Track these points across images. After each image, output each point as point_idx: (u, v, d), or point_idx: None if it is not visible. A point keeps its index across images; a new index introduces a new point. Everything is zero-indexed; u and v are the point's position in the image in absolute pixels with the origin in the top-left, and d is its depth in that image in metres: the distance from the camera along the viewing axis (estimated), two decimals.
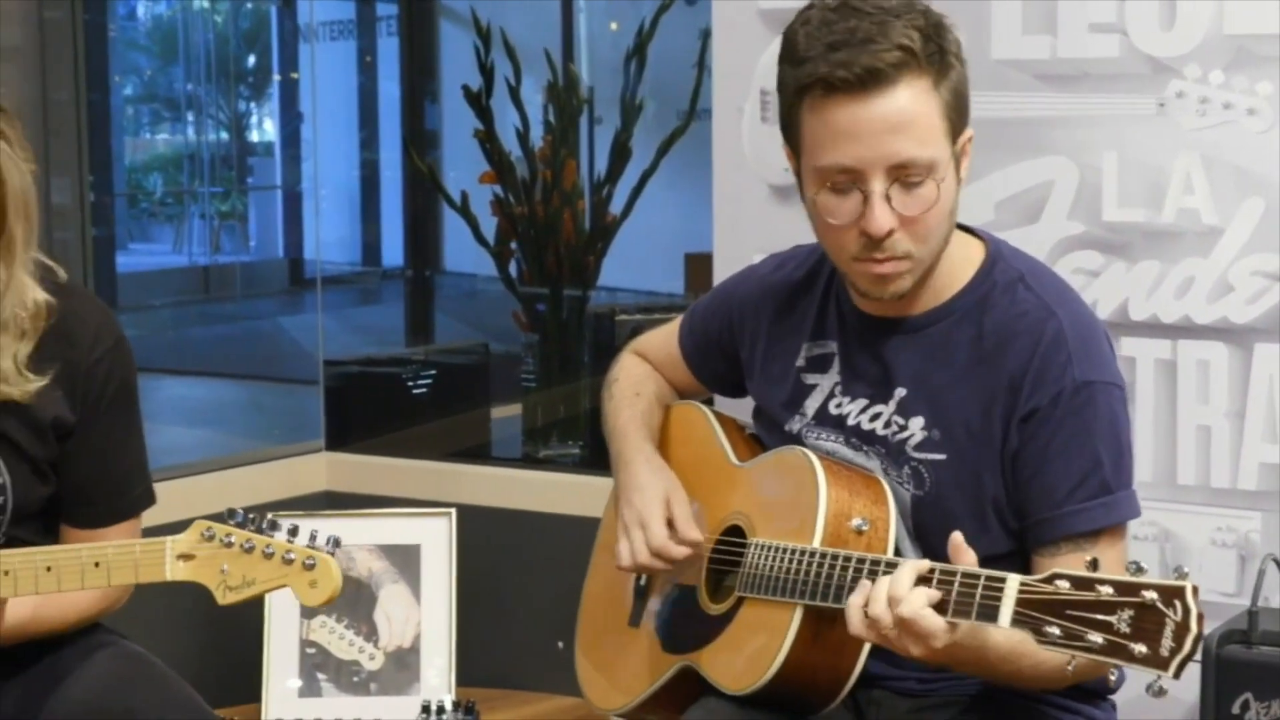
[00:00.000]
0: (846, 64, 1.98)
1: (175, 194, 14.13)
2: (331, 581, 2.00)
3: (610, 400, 2.51)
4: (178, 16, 13.81)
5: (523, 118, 4.21)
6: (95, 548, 2.11)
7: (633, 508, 2.32)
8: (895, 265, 2.08)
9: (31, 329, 2.24)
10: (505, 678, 3.32)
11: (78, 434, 2.30)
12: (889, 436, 2.16)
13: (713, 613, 2.24)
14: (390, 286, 11.37)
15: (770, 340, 2.31)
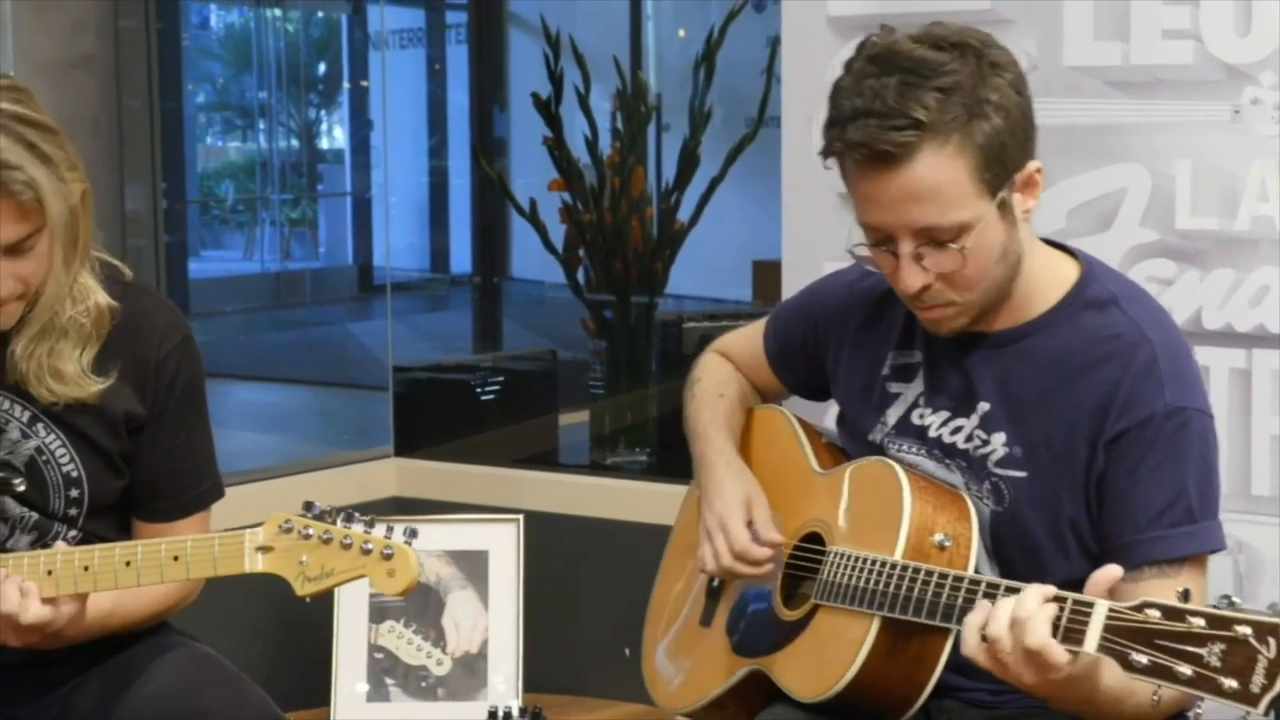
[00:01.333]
0: (860, 144, 1.99)
1: (246, 201, 14.24)
2: (410, 570, 2.01)
3: (693, 400, 2.50)
4: (250, 25, 13.92)
5: (591, 125, 4.21)
6: (174, 542, 2.13)
7: (714, 512, 2.32)
8: (940, 312, 2.09)
9: (95, 333, 2.27)
10: (572, 684, 3.32)
11: (148, 429, 2.33)
12: (970, 451, 2.14)
13: (787, 618, 2.24)
14: (458, 293, 11.41)
15: (856, 347, 2.30)
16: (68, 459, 2.27)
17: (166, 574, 2.12)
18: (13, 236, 2.13)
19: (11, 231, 2.13)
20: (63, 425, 2.26)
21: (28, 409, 2.25)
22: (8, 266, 2.14)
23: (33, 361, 2.23)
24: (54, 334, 2.23)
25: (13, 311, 2.21)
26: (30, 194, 2.11)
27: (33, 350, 2.23)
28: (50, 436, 2.26)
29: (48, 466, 2.27)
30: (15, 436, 2.25)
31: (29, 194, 2.11)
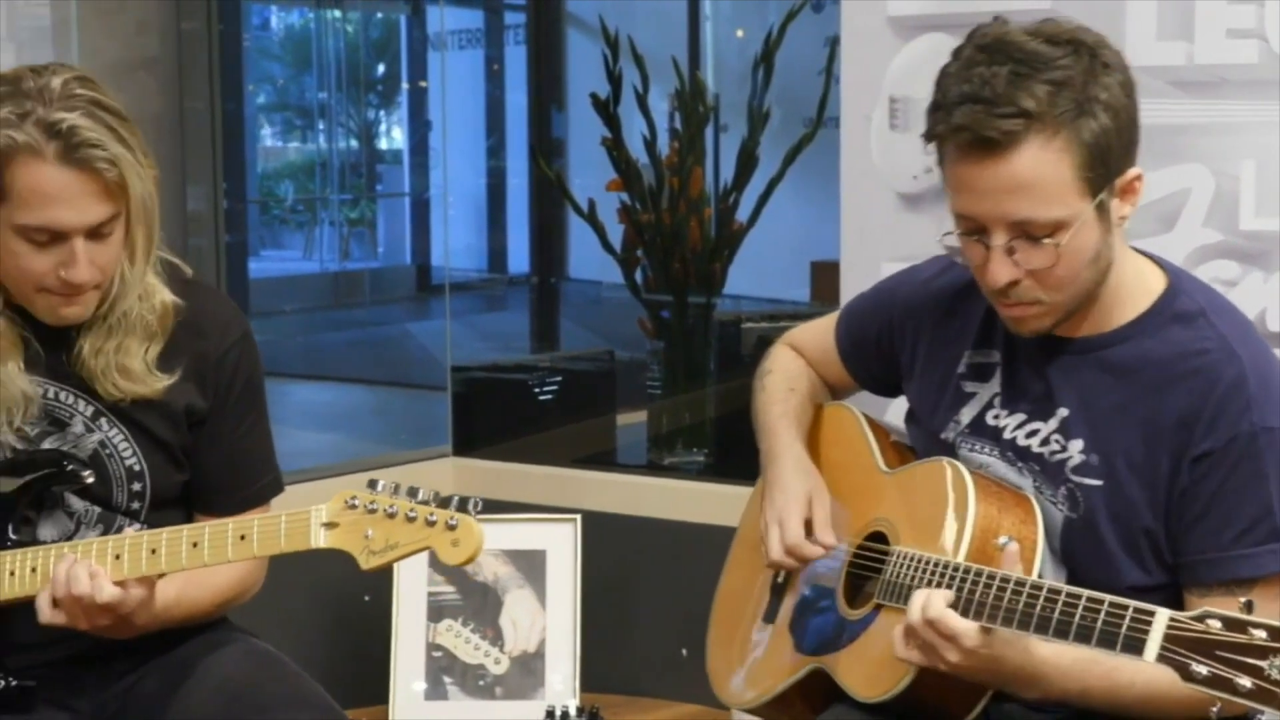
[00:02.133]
0: (965, 128, 1.97)
1: (306, 201, 14.32)
2: (474, 539, 2.01)
3: (762, 392, 2.50)
4: (310, 26, 14.00)
5: (650, 125, 4.21)
6: (241, 520, 2.15)
7: (774, 505, 2.33)
8: (1025, 310, 2.07)
9: (160, 330, 2.29)
10: (629, 684, 3.32)
11: (208, 423, 2.35)
12: (1046, 455, 2.13)
13: (850, 618, 2.23)
14: (516, 293, 11.43)
15: (932, 345, 2.29)
16: (130, 453, 2.29)
17: (233, 553, 2.13)
18: (97, 217, 2.15)
19: (96, 211, 2.14)
20: (125, 420, 2.28)
21: (91, 404, 2.28)
22: (87, 251, 2.16)
23: (101, 359, 2.25)
24: (121, 331, 2.25)
25: (89, 302, 2.23)
26: (115, 172, 2.13)
27: (101, 346, 2.25)
28: (113, 431, 2.28)
29: (110, 460, 2.29)
30: (79, 431, 2.28)
31: (114, 172, 2.13)
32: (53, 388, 2.27)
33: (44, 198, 2.11)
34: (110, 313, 2.25)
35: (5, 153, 2.11)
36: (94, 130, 2.12)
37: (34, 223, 2.13)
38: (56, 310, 2.21)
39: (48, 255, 2.15)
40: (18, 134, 2.10)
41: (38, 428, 2.27)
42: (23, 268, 2.17)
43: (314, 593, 3.07)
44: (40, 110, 2.11)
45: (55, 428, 2.27)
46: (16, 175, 2.11)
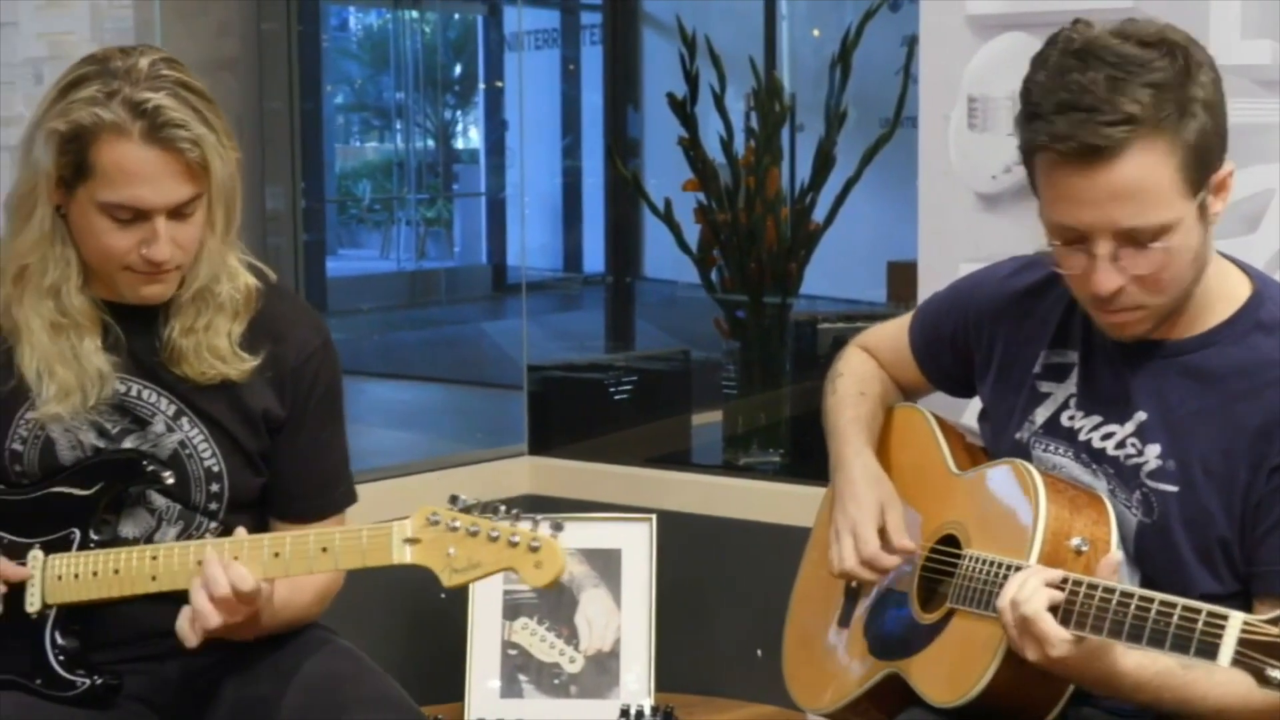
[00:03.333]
0: (1068, 136, 1.93)
1: (383, 200, 14.41)
2: (556, 563, 2.01)
3: (833, 395, 2.48)
4: (387, 27, 14.08)
5: (727, 125, 4.21)
6: (323, 533, 2.16)
7: (847, 515, 2.31)
8: (1128, 315, 2.05)
9: (244, 310, 2.31)
10: (704, 684, 3.32)
11: (286, 431, 2.36)
12: (1121, 459, 2.10)
13: (923, 622, 2.22)
14: (591, 292, 11.45)
15: (1008, 344, 2.27)
16: (210, 454, 2.31)
17: (315, 565, 2.14)
18: (179, 197, 2.17)
19: (178, 191, 2.16)
20: (206, 420, 2.30)
21: (174, 403, 2.30)
22: (169, 230, 2.18)
23: (191, 338, 2.27)
24: (210, 310, 2.28)
25: (170, 281, 2.25)
26: (197, 153, 2.15)
27: (191, 325, 2.27)
28: (194, 431, 2.30)
29: (190, 460, 2.31)
30: (160, 430, 2.30)
31: (196, 152, 2.15)
32: (136, 385, 2.29)
33: (128, 176, 2.14)
34: (199, 293, 2.27)
35: (91, 130, 2.14)
36: (178, 110, 2.14)
37: (117, 200, 2.15)
38: (138, 289, 2.23)
39: (130, 233, 2.18)
40: (104, 112, 2.13)
41: (119, 425, 2.29)
42: (106, 245, 2.19)
43: (391, 591, 3.09)
44: (127, 89, 2.14)
45: (136, 426, 2.29)
46: (101, 153, 2.14)
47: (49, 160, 2.16)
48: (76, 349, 2.24)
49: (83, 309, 2.25)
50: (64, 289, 2.23)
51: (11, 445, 2.28)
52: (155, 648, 2.30)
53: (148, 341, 2.29)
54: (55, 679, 2.22)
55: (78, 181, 2.17)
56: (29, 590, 2.25)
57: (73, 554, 2.25)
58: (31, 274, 2.23)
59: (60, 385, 2.23)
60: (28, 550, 2.26)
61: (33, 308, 2.23)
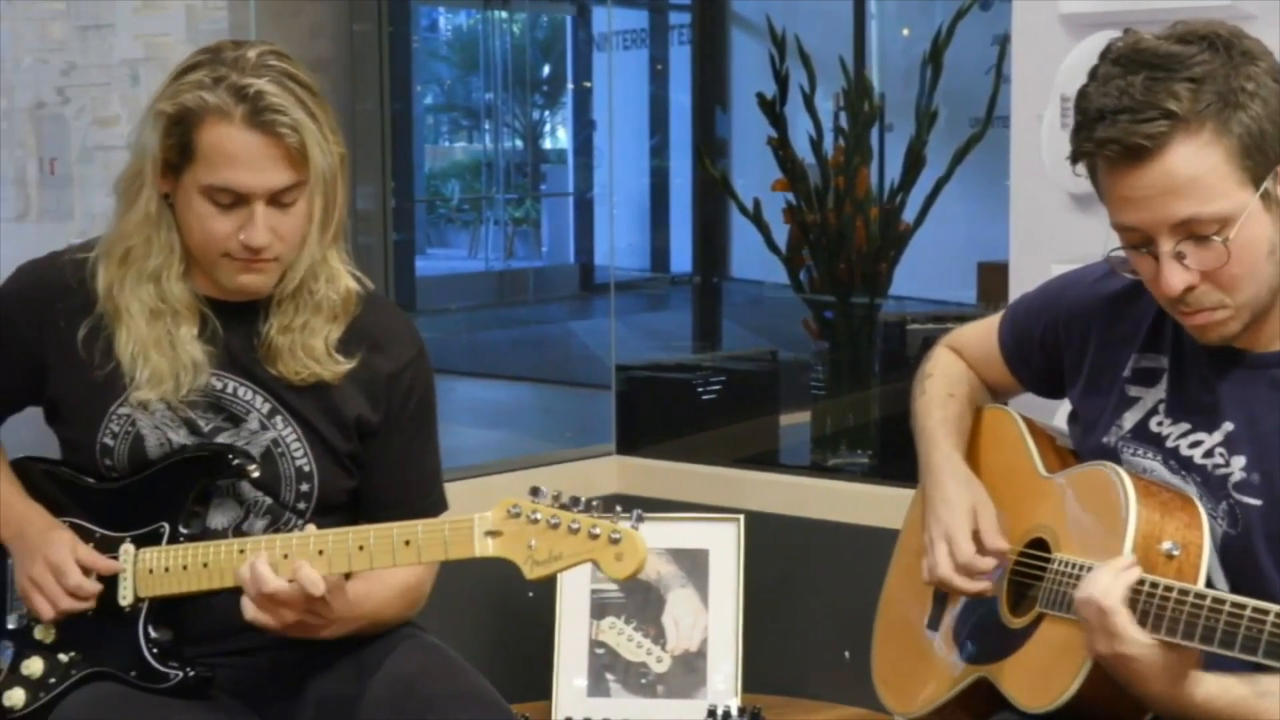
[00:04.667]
0: (1109, 141, 1.95)
1: (472, 200, 14.49)
2: (637, 554, 2.01)
3: (922, 396, 2.47)
4: (477, 27, 14.16)
5: (816, 125, 4.20)
6: (405, 526, 2.17)
7: (939, 521, 2.29)
8: (1208, 316, 2.02)
9: (343, 313, 2.33)
10: (791, 685, 3.31)
11: (379, 439, 2.38)
12: (1208, 468, 2.07)
13: (1013, 626, 2.20)
14: (678, 292, 11.46)
15: (1099, 347, 2.25)
16: (301, 453, 2.33)
17: (399, 558, 2.15)
18: (278, 182, 2.20)
19: (277, 177, 2.19)
20: (299, 420, 2.32)
21: (268, 400, 2.32)
22: (268, 218, 2.21)
23: (288, 336, 2.29)
24: (308, 309, 2.30)
25: (269, 273, 2.27)
26: (296, 139, 2.18)
27: (289, 324, 2.30)
28: (287, 430, 2.32)
29: (282, 459, 2.33)
30: (254, 427, 2.32)
31: (295, 138, 2.18)
32: (232, 382, 2.32)
33: (228, 158, 2.18)
34: (298, 291, 2.29)
35: (197, 112, 2.18)
36: (280, 97, 2.18)
37: (217, 183, 2.19)
38: (236, 277, 2.26)
39: (230, 218, 2.21)
40: (209, 95, 2.18)
41: (212, 423, 2.31)
42: (207, 230, 2.22)
43: (479, 589, 3.10)
44: (233, 76, 2.18)
45: (230, 423, 2.32)
46: (205, 135, 2.18)
47: (155, 142, 2.21)
48: (173, 336, 2.27)
49: (182, 297, 2.28)
50: (165, 275, 2.26)
51: (103, 439, 2.31)
52: (245, 641, 2.32)
53: (246, 339, 2.32)
54: (149, 671, 2.25)
55: (183, 165, 2.21)
56: (121, 584, 2.28)
57: (162, 547, 2.27)
58: (135, 258, 2.27)
59: (154, 371, 2.26)
60: (119, 544, 2.29)
61: (133, 292, 2.27)
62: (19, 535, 2.31)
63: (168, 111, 2.20)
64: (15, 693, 2.28)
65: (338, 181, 2.27)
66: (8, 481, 2.37)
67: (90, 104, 11.41)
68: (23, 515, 2.32)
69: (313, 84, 2.24)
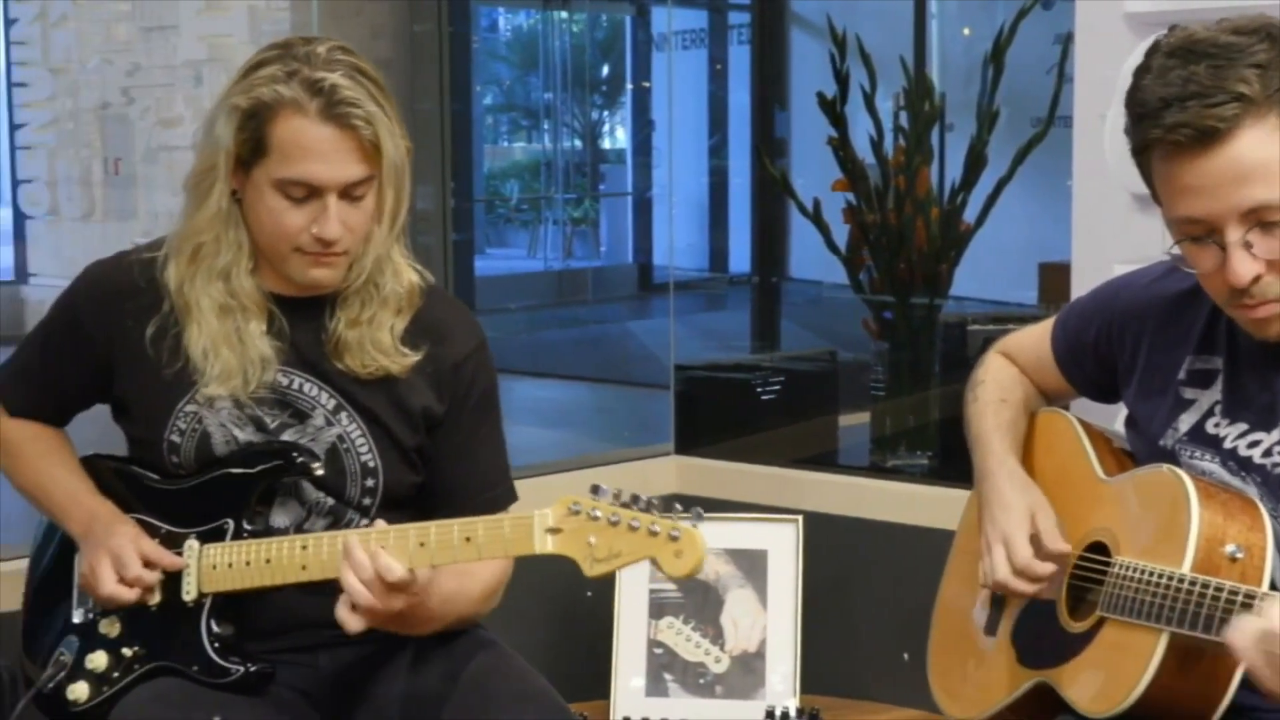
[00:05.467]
0: (1179, 125, 1.92)
1: (531, 200, 14.53)
2: (696, 552, 2.01)
3: (974, 403, 2.45)
4: (536, 27, 14.20)
5: (877, 124, 4.19)
6: (466, 523, 2.17)
7: (996, 525, 2.28)
8: (1270, 308, 2.00)
9: (407, 305, 2.34)
10: (850, 687, 3.30)
11: (444, 431, 2.38)
12: (1268, 467, 2.05)
13: (1072, 630, 2.18)
14: (736, 292, 11.46)
15: (1152, 350, 2.23)
16: (366, 449, 2.34)
17: (460, 554, 2.16)
18: (352, 175, 2.21)
19: (351, 169, 2.21)
20: (365, 415, 2.34)
21: (334, 397, 2.33)
22: (340, 211, 2.23)
23: (356, 330, 2.31)
24: (375, 303, 2.32)
25: (339, 266, 2.28)
26: (370, 131, 2.20)
27: (356, 317, 2.31)
28: (352, 426, 2.33)
29: (347, 455, 2.34)
30: (319, 423, 2.33)
31: (369, 130, 2.20)
32: (298, 378, 2.33)
33: (303, 151, 2.19)
34: (365, 285, 2.31)
35: (271, 106, 2.20)
36: (353, 90, 2.19)
37: (292, 176, 2.20)
38: (307, 271, 2.27)
39: (302, 212, 2.22)
40: (285, 89, 2.19)
41: (278, 420, 2.33)
42: (279, 224, 2.24)
43: (537, 587, 3.10)
44: (306, 70, 2.20)
45: (296, 420, 2.33)
46: (279, 128, 2.20)
47: (229, 136, 2.22)
48: (242, 331, 2.29)
49: (251, 293, 2.29)
50: (234, 271, 2.28)
51: (170, 436, 2.33)
52: (307, 639, 2.34)
53: (313, 335, 2.33)
54: (211, 666, 2.27)
55: (255, 160, 2.23)
56: (185, 579, 2.29)
57: (226, 543, 2.29)
58: (204, 255, 2.28)
59: (224, 366, 2.28)
60: (184, 540, 2.31)
61: (203, 289, 2.28)
62: (87, 530, 2.33)
63: (242, 106, 2.22)
64: (79, 686, 2.30)
65: (405, 176, 2.29)
66: (78, 478, 2.40)
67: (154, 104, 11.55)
68: (91, 510, 2.35)
69: (380, 79, 2.26)
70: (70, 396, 2.44)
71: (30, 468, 2.42)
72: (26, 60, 12.43)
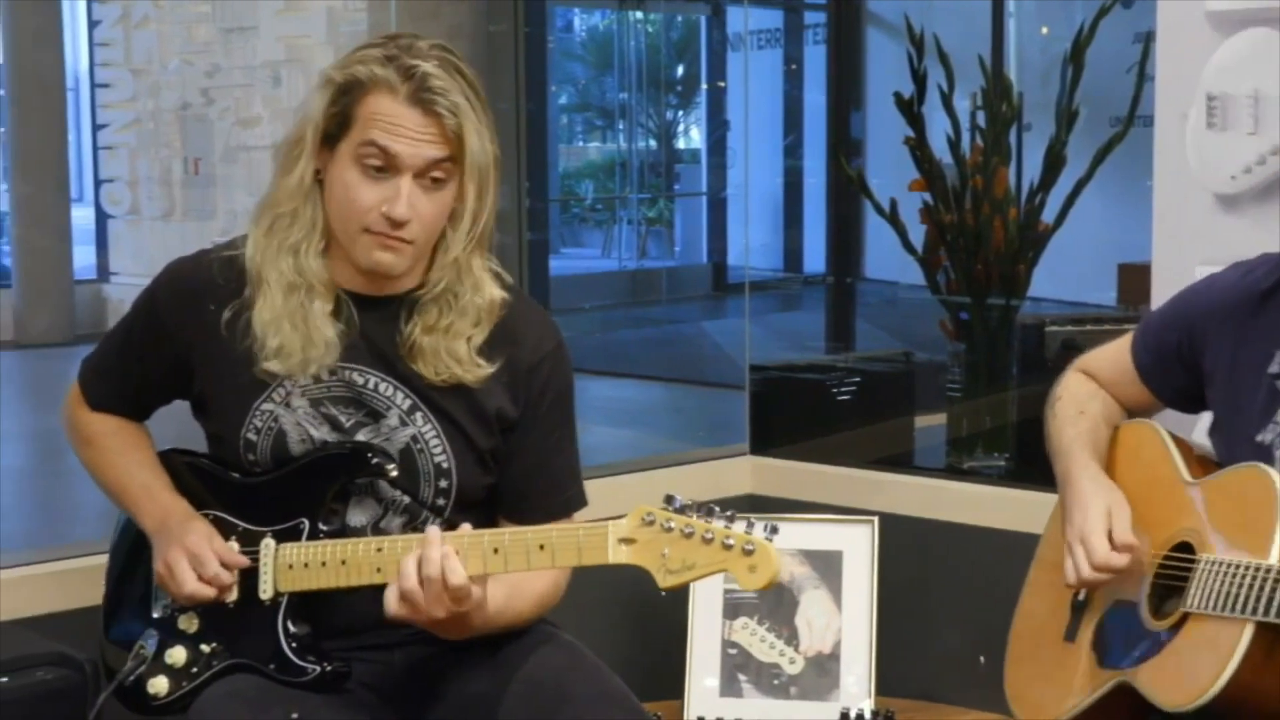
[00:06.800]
0: None
1: (605, 200, 14.56)
2: (771, 566, 2.01)
3: (1054, 419, 2.47)
4: (611, 28, 14.22)
5: (954, 124, 4.17)
6: (540, 530, 2.18)
7: (1074, 525, 2.29)
8: None
9: (486, 319, 2.34)
10: (925, 689, 3.28)
11: (517, 432, 2.38)
12: None
13: (1155, 629, 2.18)
14: (811, 292, 11.43)
15: (1238, 346, 2.23)
16: (440, 450, 2.35)
17: (533, 561, 2.16)
18: (430, 155, 2.23)
19: (429, 151, 2.23)
20: (440, 415, 2.34)
21: (409, 397, 2.34)
22: (412, 194, 2.24)
23: (431, 337, 2.31)
24: (453, 312, 2.32)
25: (404, 254, 2.28)
26: (454, 121, 2.23)
27: (434, 324, 2.31)
28: (427, 426, 2.34)
29: (421, 455, 2.35)
30: (394, 423, 2.34)
31: (453, 121, 2.22)
32: (373, 377, 2.34)
33: (387, 125, 2.22)
34: (443, 294, 2.31)
35: (364, 83, 2.23)
36: (443, 80, 2.23)
37: (370, 138, 2.22)
38: (373, 253, 2.27)
39: (376, 188, 2.23)
40: (379, 70, 2.23)
41: (353, 419, 2.34)
42: (352, 200, 2.25)
43: (613, 588, 3.11)
44: (404, 58, 2.24)
45: (370, 419, 2.34)
46: (367, 103, 2.23)
47: (320, 108, 2.25)
48: (306, 310, 2.29)
49: (319, 274, 2.30)
50: (304, 249, 2.29)
51: (246, 434, 2.35)
52: (382, 638, 2.34)
53: (388, 335, 2.34)
54: (288, 665, 2.28)
55: (340, 135, 2.25)
56: (262, 578, 2.31)
57: (302, 543, 2.30)
58: (279, 229, 2.30)
59: (284, 342, 2.28)
60: (261, 538, 2.32)
61: (273, 263, 2.30)
62: (161, 526, 2.35)
63: (336, 80, 2.25)
64: (159, 680, 2.32)
65: (489, 180, 2.30)
66: (154, 473, 2.42)
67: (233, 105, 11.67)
68: (166, 506, 2.37)
69: (477, 83, 2.28)
70: (149, 392, 2.46)
71: (108, 461, 2.44)
72: (109, 61, 12.60)
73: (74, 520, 6.49)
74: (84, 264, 13.13)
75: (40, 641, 2.55)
